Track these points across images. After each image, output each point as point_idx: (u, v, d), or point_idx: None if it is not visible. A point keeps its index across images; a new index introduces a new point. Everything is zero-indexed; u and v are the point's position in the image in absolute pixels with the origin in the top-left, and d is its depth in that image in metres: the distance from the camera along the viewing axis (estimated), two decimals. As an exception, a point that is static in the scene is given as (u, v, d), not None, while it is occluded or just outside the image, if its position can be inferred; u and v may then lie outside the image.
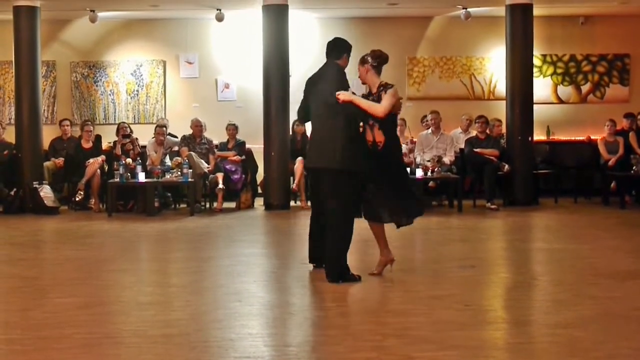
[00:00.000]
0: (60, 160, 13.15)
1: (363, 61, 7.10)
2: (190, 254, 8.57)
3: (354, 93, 7.02)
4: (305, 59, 14.43)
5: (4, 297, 6.41)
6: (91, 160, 12.61)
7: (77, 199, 12.60)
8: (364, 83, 7.23)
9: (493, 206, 12.17)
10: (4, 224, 11.26)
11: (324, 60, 7.33)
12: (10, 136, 13.19)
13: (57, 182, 13.11)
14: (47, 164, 13.09)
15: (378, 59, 7.08)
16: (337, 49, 7.27)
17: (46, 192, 12.27)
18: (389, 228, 7.12)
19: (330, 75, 7.11)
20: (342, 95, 6.83)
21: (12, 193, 12.42)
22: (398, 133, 12.87)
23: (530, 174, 12.89)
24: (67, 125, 13.55)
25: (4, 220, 11.68)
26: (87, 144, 12.98)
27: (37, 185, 12.27)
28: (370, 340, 4.91)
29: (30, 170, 12.68)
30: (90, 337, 5.01)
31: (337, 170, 6.82)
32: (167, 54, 14.81)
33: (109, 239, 9.79)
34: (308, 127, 7.93)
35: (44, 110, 14.06)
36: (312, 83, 7.25)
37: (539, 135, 14.05)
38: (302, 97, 7.34)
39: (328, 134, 6.90)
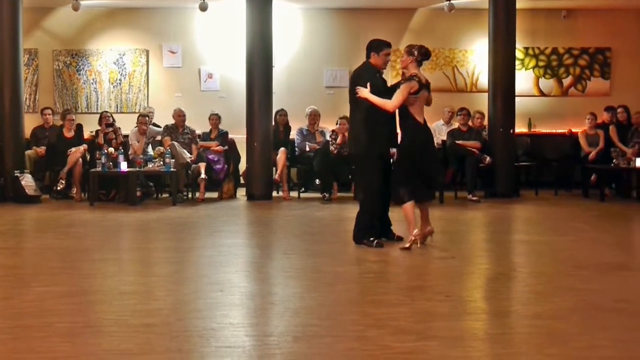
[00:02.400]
0: (41, 149, 13.08)
1: (410, 52, 7.94)
2: (172, 244, 8.56)
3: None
4: (289, 50, 14.45)
5: (-15, 286, 6.39)
6: (73, 149, 12.56)
7: (58, 188, 12.55)
8: (404, 69, 8.07)
9: (474, 198, 12.23)
10: (-16, 212, 11.20)
11: (308, 51, 7.66)
12: (-9, 124, 13.09)
13: (39, 171, 13.05)
14: (28, 152, 13.01)
15: (423, 56, 7.94)
16: (367, 49, 8.29)
17: (27, 181, 12.21)
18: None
19: (359, 72, 8.24)
20: (360, 92, 7.86)
21: (-6, 182, 12.35)
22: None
23: (512, 166, 12.95)
24: (49, 114, 13.47)
25: (-15, 208, 11.62)
26: (69, 133, 12.92)
27: (18, 174, 12.20)
28: (351, 331, 4.94)
29: (12, 158, 12.59)
30: (71, 326, 5.01)
31: (358, 155, 8.16)
32: (150, 43, 14.75)
33: (91, 228, 9.77)
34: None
35: (26, 98, 13.98)
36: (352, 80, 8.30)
37: (520, 128, 14.13)
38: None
39: (353, 125, 8.22)
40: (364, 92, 7.84)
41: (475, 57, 14.76)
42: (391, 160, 8.38)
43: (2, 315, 5.30)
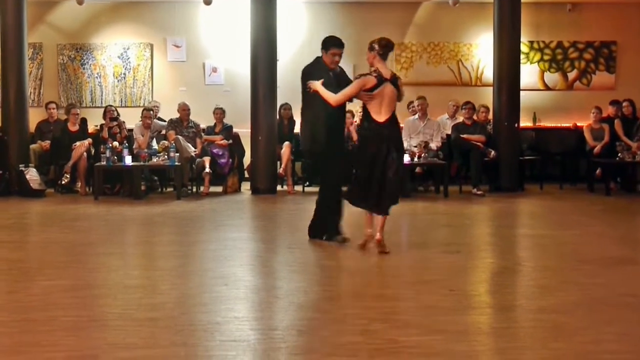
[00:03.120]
0: (46, 143, 13.10)
1: (371, 48, 7.58)
2: (177, 238, 8.57)
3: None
4: (293, 44, 14.42)
5: (-10, 280, 6.40)
6: (78, 143, 12.57)
7: (63, 182, 12.57)
8: (371, 66, 7.71)
9: (479, 192, 12.21)
10: (-11, 206, 11.22)
11: (312, 45, 7.61)
12: (-5, 118, 13.12)
13: (44, 165, 13.06)
14: (33, 146, 13.03)
15: (384, 48, 7.58)
16: (321, 45, 7.95)
17: (32, 175, 12.22)
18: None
19: (309, 68, 7.93)
20: (312, 85, 7.57)
21: (-2, 175, 12.37)
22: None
23: (516, 160, 12.93)
24: (53, 108, 13.49)
25: (-10, 202, 11.64)
26: (73, 127, 12.92)
27: (23, 168, 12.21)
28: (355, 325, 4.94)
29: (17, 152, 12.61)
30: (76, 320, 5.01)
31: (315, 153, 7.95)
32: (155, 37, 14.75)
33: (96, 222, 9.77)
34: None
35: (31, 92, 13.98)
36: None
37: (525, 122, 14.08)
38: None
39: (306, 122, 7.90)
40: (315, 84, 7.52)
41: (480, 50, 14.73)
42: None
43: (7, 309, 5.30)
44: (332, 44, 7.86)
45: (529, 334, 4.85)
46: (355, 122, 12.91)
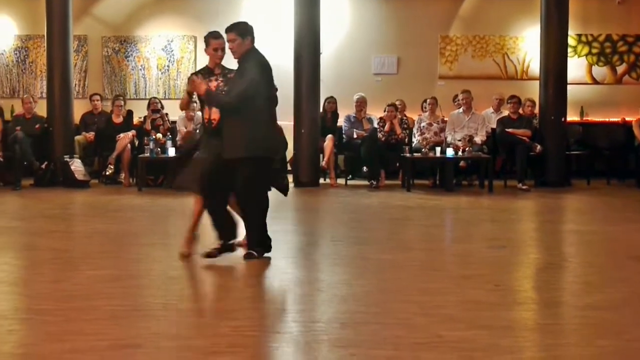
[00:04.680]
0: (91, 135, 13.22)
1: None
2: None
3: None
4: (337, 37, 14.37)
5: (36, 269, 6.47)
6: (122, 135, 12.67)
7: (107, 173, 12.68)
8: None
9: (524, 187, 12.07)
10: (35, 197, 11.36)
11: (356, 38, 7.33)
12: (42, 110, 13.28)
13: (88, 156, 13.20)
14: (78, 138, 13.17)
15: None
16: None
17: (77, 166, 12.35)
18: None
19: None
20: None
21: (44, 166, 12.50)
22: (429, 112, 12.93)
23: (563, 154, 12.76)
24: (98, 100, 13.61)
25: (36, 193, 11.78)
26: (117, 119, 13.03)
27: (68, 159, 12.35)
28: (399, 318, 4.89)
29: (62, 144, 12.75)
30: (119, 309, 5.03)
31: (250, 158, 6.57)
32: (198, 29, 14.72)
33: (139, 213, 9.84)
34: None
35: (75, 84, 14.11)
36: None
37: (572, 116, 13.86)
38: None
39: (235, 126, 6.57)
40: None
41: (526, 44, 14.53)
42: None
43: (52, 298, 5.35)
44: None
45: (574, 331, 4.77)
46: (398, 116, 12.86)
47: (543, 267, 6.76)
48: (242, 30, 6.75)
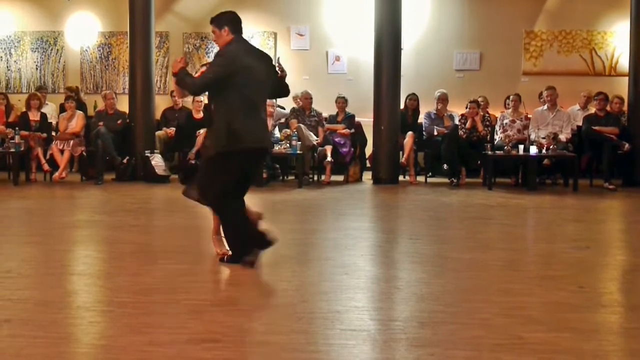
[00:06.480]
0: (171, 130, 13.40)
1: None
2: (298, 226, 8.57)
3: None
4: (418, 32, 14.23)
5: (117, 262, 6.56)
6: (202, 130, 12.78)
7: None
8: None
9: (611, 186, 11.74)
10: (117, 191, 11.57)
11: (437, 33, 7.17)
12: (123, 106, 13.53)
13: (168, 152, 13.38)
14: (158, 133, 13.36)
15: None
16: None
17: (157, 161, 12.54)
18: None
19: None
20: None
21: (125, 161, 12.74)
22: (512, 108, 12.69)
23: (652, 153, 12.38)
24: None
25: (117, 187, 12.00)
26: (198, 115, 13.15)
27: (148, 154, 12.55)
28: (478, 319, 4.78)
29: (143, 139, 12.96)
30: (198, 304, 5.05)
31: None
32: (278, 25, 14.85)
33: (219, 208, 9.89)
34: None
35: (157, 80, 14.34)
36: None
37: (662, 114, 13.43)
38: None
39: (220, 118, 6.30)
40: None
41: (616, 39, 14.14)
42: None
43: (132, 291, 5.41)
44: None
45: (664, 336, 4.57)
46: (480, 113, 12.65)
47: (630, 269, 6.54)
48: (218, 22, 6.59)
